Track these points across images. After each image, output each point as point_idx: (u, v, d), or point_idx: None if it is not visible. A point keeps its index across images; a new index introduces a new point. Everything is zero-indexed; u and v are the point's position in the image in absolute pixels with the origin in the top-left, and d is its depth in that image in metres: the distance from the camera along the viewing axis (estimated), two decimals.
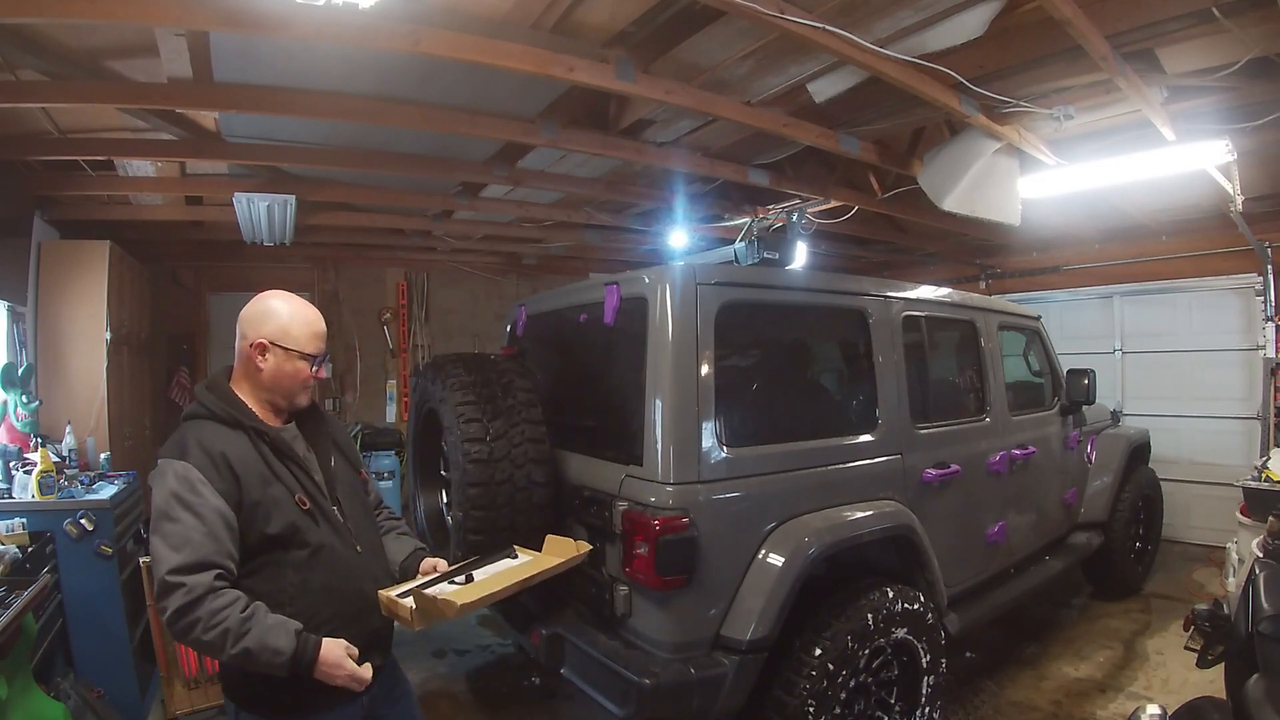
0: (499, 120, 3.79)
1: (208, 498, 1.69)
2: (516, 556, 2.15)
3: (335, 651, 1.69)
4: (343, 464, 2.06)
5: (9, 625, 2.47)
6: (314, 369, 1.97)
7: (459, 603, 1.78)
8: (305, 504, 1.83)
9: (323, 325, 2.01)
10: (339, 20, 2.49)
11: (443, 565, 2.05)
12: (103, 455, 4.36)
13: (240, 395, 1.91)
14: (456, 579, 1.93)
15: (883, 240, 7.41)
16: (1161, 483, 5.62)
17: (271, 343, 1.89)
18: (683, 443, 2.63)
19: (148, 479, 1.84)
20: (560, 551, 2.18)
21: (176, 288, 6.93)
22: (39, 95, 3.22)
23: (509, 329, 4.06)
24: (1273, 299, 5.88)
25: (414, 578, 2.03)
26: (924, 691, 3.08)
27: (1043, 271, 7.74)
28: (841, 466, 3.09)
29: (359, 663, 1.72)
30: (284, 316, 1.92)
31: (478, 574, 1.98)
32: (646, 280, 2.84)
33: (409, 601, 1.80)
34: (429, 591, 1.83)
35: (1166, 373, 6.81)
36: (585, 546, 2.20)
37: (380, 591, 1.87)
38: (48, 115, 3.71)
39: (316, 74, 3.23)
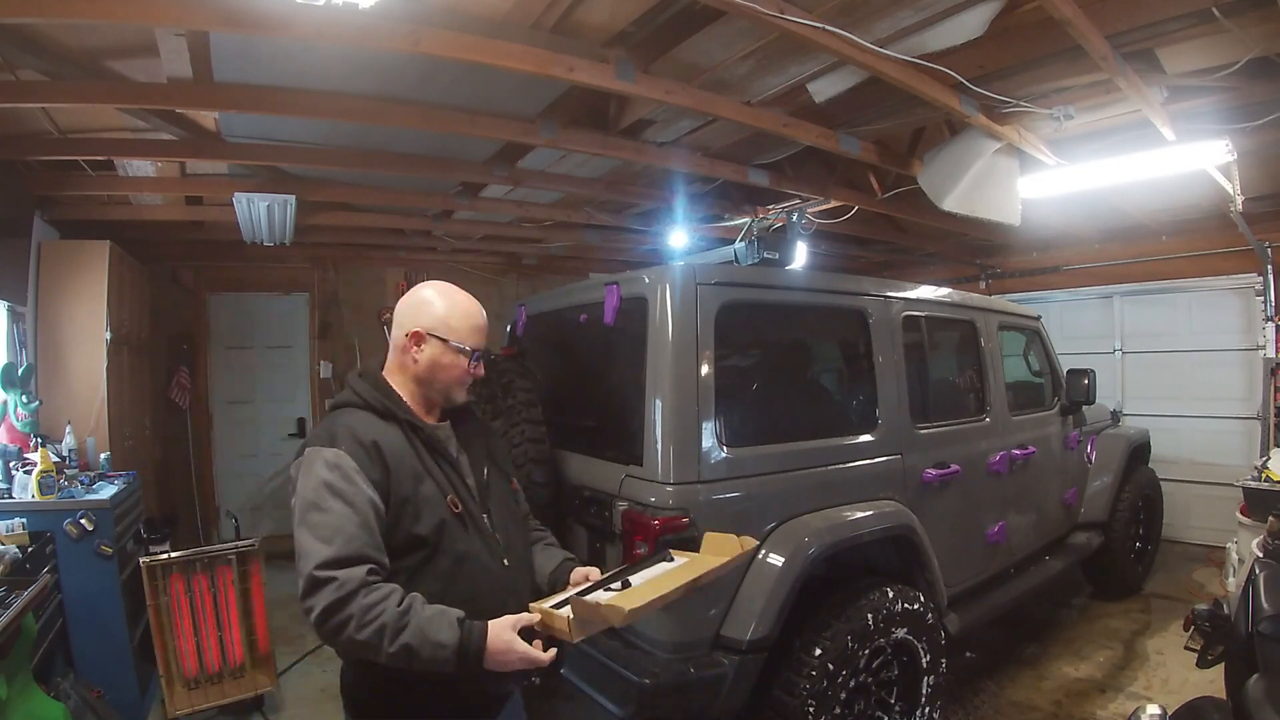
0: (499, 120, 3.79)
1: (361, 486, 1.59)
2: (672, 559, 1.93)
3: (504, 635, 1.52)
4: (495, 471, 1.93)
5: (9, 625, 2.47)
6: (472, 364, 1.84)
7: (626, 608, 1.54)
8: (457, 506, 1.71)
9: (484, 318, 1.90)
10: (339, 20, 2.49)
11: (595, 574, 1.84)
12: (103, 455, 4.36)
13: (394, 387, 1.81)
14: (612, 586, 1.73)
15: (883, 240, 7.41)
16: (1161, 483, 5.63)
17: (429, 333, 1.80)
18: (683, 443, 2.63)
19: (290, 469, 1.73)
20: (723, 550, 1.93)
21: (176, 287, 6.93)
22: (39, 95, 3.21)
23: (509, 329, 4.06)
24: (1273, 299, 5.88)
25: (564, 589, 1.81)
26: (924, 691, 3.08)
27: (1043, 271, 7.74)
28: (841, 466, 3.09)
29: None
30: (443, 307, 1.83)
31: (635, 579, 1.77)
32: (646, 280, 2.85)
33: (565, 611, 1.58)
34: (589, 598, 1.62)
35: (1166, 373, 6.82)
36: (750, 542, 1.94)
37: (533, 604, 1.63)
38: (48, 115, 3.71)
39: (316, 74, 3.23)
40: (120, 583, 3.66)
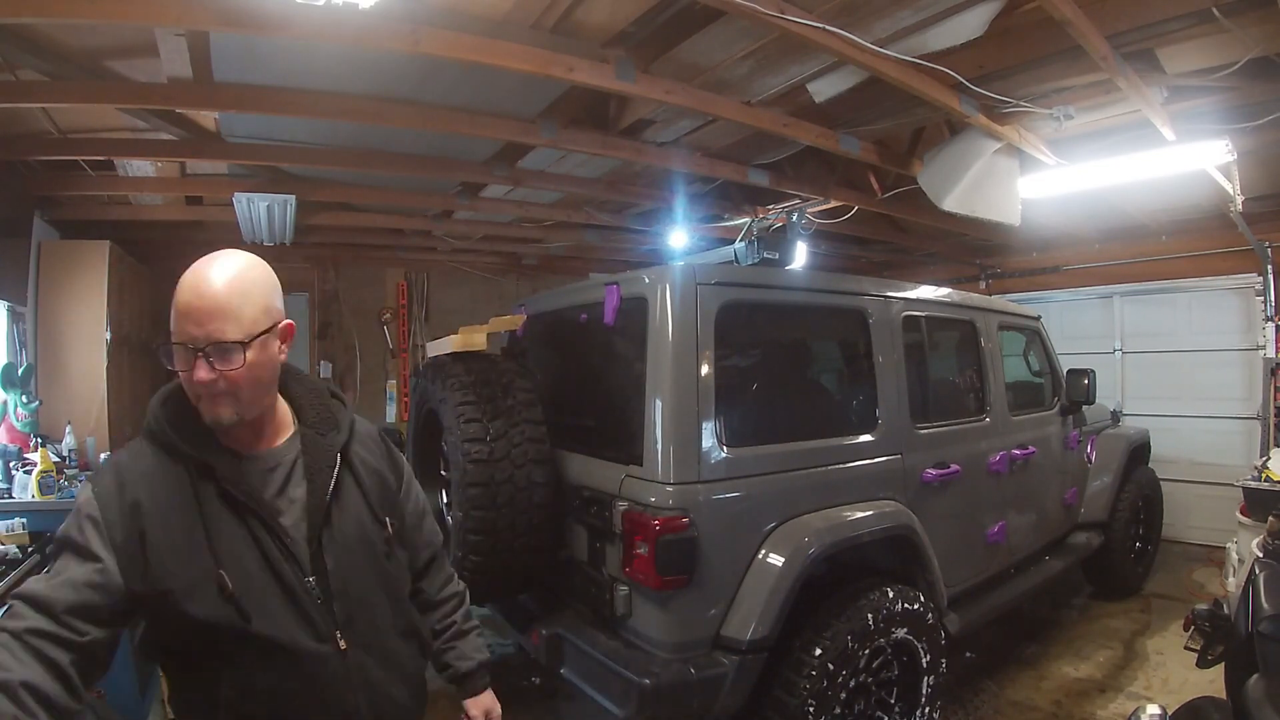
0: (499, 120, 3.79)
1: (95, 550, 1.20)
2: None
3: None
4: (354, 512, 1.44)
5: None
6: (190, 366, 1.30)
7: None
8: (227, 589, 1.24)
9: (208, 299, 1.29)
10: (339, 20, 2.50)
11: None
12: (103, 455, 4.36)
13: None
14: None
15: (883, 240, 7.42)
16: (1161, 483, 5.62)
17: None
18: (683, 443, 2.63)
19: (399, 463, 1.64)
20: None
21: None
22: (39, 95, 3.22)
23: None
24: (1273, 299, 5.88)
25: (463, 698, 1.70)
26: (924, 691, 3.08)
27: (1043, 271, 7.75)
28: (841, 466, 3.09)
29: None
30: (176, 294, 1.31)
31: None
32: (646, 280, 2.85)
33: None
34: None
35: (1166, 373, 6.82)
36: None
37: None
38: (48, 115, 3.71)
39: (316, 74, 3.24)
40: None
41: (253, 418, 1.37)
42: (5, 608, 1.24)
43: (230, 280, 1.32)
